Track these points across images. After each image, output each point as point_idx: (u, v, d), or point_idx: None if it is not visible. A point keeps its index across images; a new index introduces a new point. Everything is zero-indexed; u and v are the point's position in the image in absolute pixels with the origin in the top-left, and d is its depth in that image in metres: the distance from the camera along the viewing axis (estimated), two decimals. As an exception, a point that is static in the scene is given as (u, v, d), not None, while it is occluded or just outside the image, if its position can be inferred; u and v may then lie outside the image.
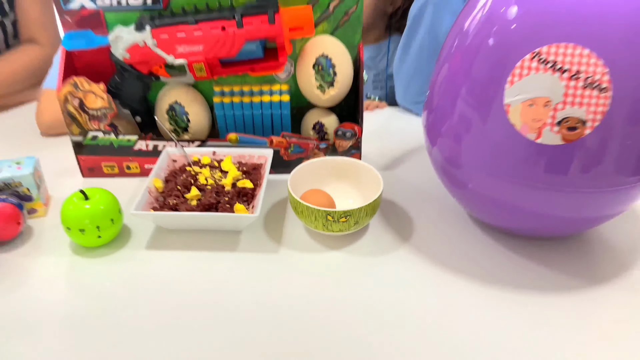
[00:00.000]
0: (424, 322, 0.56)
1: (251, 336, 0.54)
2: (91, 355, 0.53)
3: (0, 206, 0.65)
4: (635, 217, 0.72)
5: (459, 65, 0.61)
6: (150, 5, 0.69)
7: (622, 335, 0.55)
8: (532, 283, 0.61)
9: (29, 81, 1.00)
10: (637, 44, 0.51)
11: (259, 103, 0.76)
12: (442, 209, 0.73)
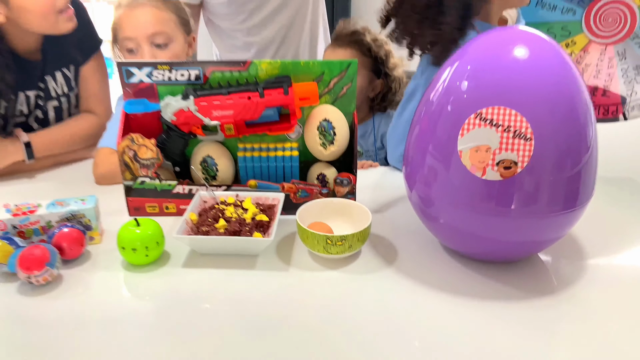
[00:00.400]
0: (406, 325, 0.71)
1: (265, 335, 0.70)
2: (136, 348, 0.69)
3: (70, 231, 0.83)
4: (572, 242, 0.89)
5: (426, 127, 0.80)
6: (193, 80, 0.91)
7: (560, 334, 0.70)
8: (490, 295, 0.77)
9: (84, 143, 1.21)
10: (550, 106, 0.71)
11: (274, 157, 0.96)
12: (419, 239, 0.90)
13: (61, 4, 1.08)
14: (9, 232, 0.84)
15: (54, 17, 1.07)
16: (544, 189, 0.72)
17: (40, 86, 1.16)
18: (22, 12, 1.04)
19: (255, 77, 0.91)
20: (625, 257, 0.87)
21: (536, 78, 0.72)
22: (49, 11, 1.06)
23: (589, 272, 0.82)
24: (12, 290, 0.79)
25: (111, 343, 0.68)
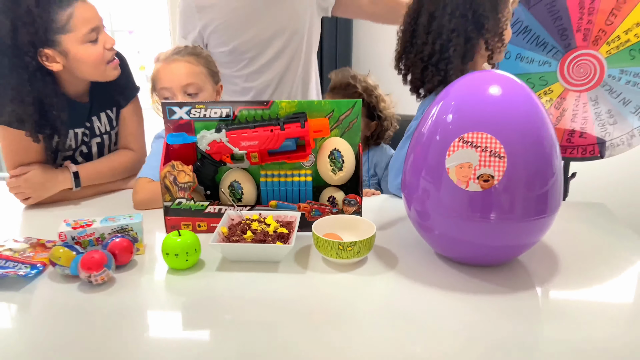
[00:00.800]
0: (406, 317, 0.85)
1: (286, 326, 0.84)
2: (176, 336, 0.83)
3: (121, 240, 0.99)
4: (546, 249, 1.04)
5: (419, 155, 0.97)
6: (225, 117, 1.09)
7: (538, 321, 0.84)
8: (477, 292, 0.91)
9: (122, 175, 1.38)
10: (520, 133, 0.88)
11: (291, 182, 1.12)
12: (416, 249, 1.05)
13: (109, 55, 1.27)
14: (68, 242, 1.00)
15: (103, 66, 1.27)
16: (518, 198, 0.89)
17: (86, 125, 1.34)
18: (77, 62, 1.24)
19: (277, 114, 1.08)
20: (593, 261, 1.02)
21: (508, 109, 0.90)
22: (99, 62, 1.25)
23: (561, 272, 0.97)
24: (73, 289, 0.93)
25: (155, 332, 0.83)
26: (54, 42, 1.20)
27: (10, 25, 1.16)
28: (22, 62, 1.18)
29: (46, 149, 1.30)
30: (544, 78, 1.73)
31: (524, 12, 1.68)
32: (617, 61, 1.66)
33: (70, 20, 1.20)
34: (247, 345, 0.78)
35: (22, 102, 1.19)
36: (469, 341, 0.78)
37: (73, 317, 0.86)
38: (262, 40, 1.63)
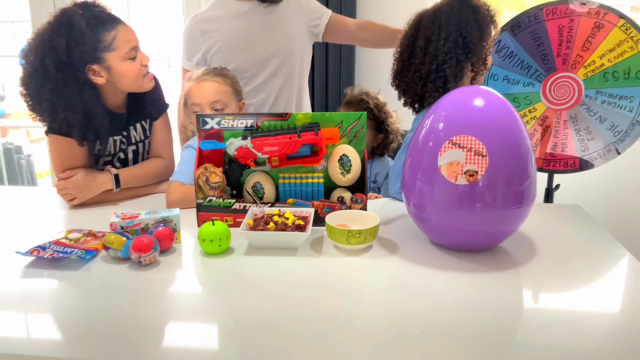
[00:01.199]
0: (407, 292, 1.03)
1: (303, 301, 1.01)
2: (210, 308, 1.00)
3: (164, 229, 1.16)
4: (521, 237, 1.21)
5: (416, 158, 1.15)
6: (250, 127, 1.27)
7: (518, 293, 1.02)
8: (465, 270, 1.09)
9: (154, 180, 1.56)
10: (499, 135, 1.06)
11: (306, 183, 1.30)
12: (414, 238, 1.22)
13: (145, 71, 1.47)
14: (118, 231, 1.17)
15: (140, 80, 1.46)
16: (498, 190, 1.07)
17: (124, 134, 1.53)
18: (119, 76, 1.43)
19: (294, 124, 1.27)
20: (565, 249, 1.19)
21: (489, 117, 1.08)
22: (137, 75, 1.45)
23: (537, 257, 1.15)
24: (124, 268, 1.10)
25: (195, 305, 1.00)
26: (100, 59, 1.40)
27: (65, 44, 1.36)
28: (74, 77, 1.37)
29: (89, 155, 1.48)
30: (529, 98, 1.93)
31: (510, 39, 1.89)
32: (594, 83, 1.86)
33: (114, 41, 1.40)
34: (270, 314, 0.94)
35: (73, 110, 1.38)
36: (457, 309, 0.95)
37: (124, 291, 1.03)
38: (259, 61, 1.84)
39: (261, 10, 1.85)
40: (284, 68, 1.88)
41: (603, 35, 1.82)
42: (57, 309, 0.98)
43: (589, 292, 1.01)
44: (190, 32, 1.86)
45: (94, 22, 1.39)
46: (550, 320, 0.91)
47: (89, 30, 1.37)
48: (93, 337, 0.88)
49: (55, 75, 1.35)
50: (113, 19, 1.43)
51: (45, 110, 1.39)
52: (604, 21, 1.80)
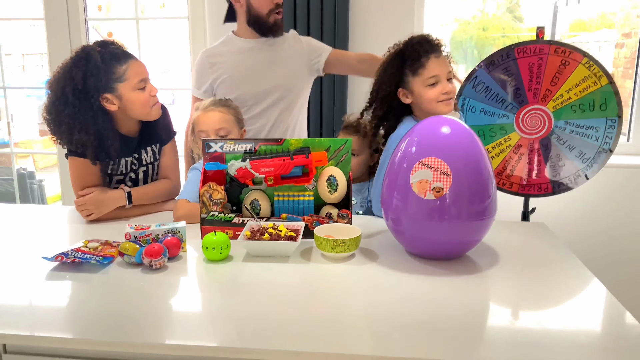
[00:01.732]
0: (386, 294, 1.19)
1: (294, 301, 1.18)
2: (212, 307, 1.16)
3: (172, 238, 1.33)
4: (485, 247, 1.37)
5: (392, 179, 1.33)
6: (249, 150, 1.45)
7: (482, 292, 1.18)
8: (436, 275, 1.25)
9: (162, 199, 1.74)
10: (463, 159, 1.24)
11: (298, 200, 1.47)
12: (393, 249, 1.39)
13: (154, 100, 1.66)
14: (132, 240, 1.34)
15: (148, 108, 1.65)
16: (462, 205, 1.24)
17: (135, 155, 1.71)
18: (129, 104, 1.62)
19: (288, 148, 1.45)
20: (526, 258, 1.35)
21: (453, 143, 1.26)
22: (145, 104, 1.64)
23: (500, 264, 1.31)
24: (137, 272, 1.27)
25: (197, 305, 1.16)
26: (112, 88, 1.59)
27: (82, 75, 1.55)
28: (89, 103, 1.56)
29: (103, 175, 1.66)
30: (504, 128, 2.12)
31: (486, 75, 2.09)
32: (562, 115, 2.05)
33: (126, 73, 1.60)
34: (264, 312, 1.10)
35: (87, 132, 1.57)
36: (429, 306, 1.11)
37: (137, 291, 1.19)
38: (260, 93, 2.06)
39: (264, 48, 2.08)
40: (282, 100, 2.09)
41: (569, 72, 2.02)
42: (78, 305, 1.14)
43: (542, 294, 1.17)
44: (201, 64, 2.09)
45: (109, 57, 1.59)
46: (508, 315, 1.07)
47: (103, 64, 1.57)
48: (109, 328, 1.04)
49: (73, 101, 1.55)
50: (126, 54, 1.64)
51: (63, 132, 1.58)
52: (570, 59, 2.00)
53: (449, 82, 1.63)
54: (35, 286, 1.22)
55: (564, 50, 2.00)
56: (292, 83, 2.10)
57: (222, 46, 2.11)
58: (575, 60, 2.00)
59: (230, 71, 2.05)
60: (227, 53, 2.08)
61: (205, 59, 2.08)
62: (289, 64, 2.09)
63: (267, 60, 2.07)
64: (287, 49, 2.10)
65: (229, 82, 2.05)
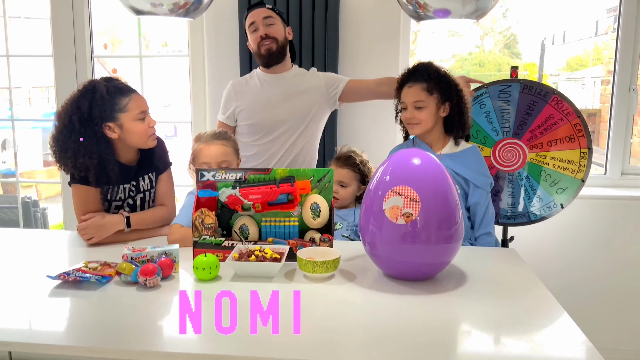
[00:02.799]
0: (363, 312, 1.30)
1: (276, 317, 1.29)
2: (205, 323, 1.27)
3: (166, 259, 1.44)
4: (457, 270, 1.48)
5: (369, 206, 1.45)
6: (238, 179, 1.58)
7: (452, 309, 1.29)
8: (409, 293, 1.36)
9: (158, 224, 1.86)
10: (429, 185, 1.36)
11: (283, 225, 1.59)
12: (370, 271, 1.50)
13: (151, 131, 1.80)
14: (129, 261, 1.45)
15: (146, 138, 1.80)
16: (431, 229, 1.36)
17: (133, 183, 1.84)
18: (128, 133, 1.77)
19: (275, 177, 1.58)
20: (493, 281, 1.46)
21: (422, 173, 1.39)
22: (144, 134, 1.78)
23: (467, 284, 1.42)
24: (132, 290, 1.38)
25: (190, 319, 1.26)
26: (115, 118, 1.74)
27: (89, 105, 1.71)
28: (93, 131, 1.71)
29: (103, 201, 1.79)
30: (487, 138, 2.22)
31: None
32: (531, 170, 2.18)
33: (128, 105, 1.76)
34: (248, 327, 1.21)
35: (90, 157, 1.71)
36: (401, 323, 1.22)
37: (132, 307, 1.30)
38: (276, 122, 2.27)
39: (282, 82, 2.31)
40: (296, 129, 2.30)
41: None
42: (78, 318, 1.25)
43: (504, 315, 1.28)
44: (228, 92, 2.36)
45: (113, 90, 1.75)
46: (472, 334, 1.18)
47: (108, 96, 1.73)
48: (105, 337, 1.15)
49: (79, 129, 1.70)
50: (129, 89, 1.80)
51: (69, 157, 1.72)
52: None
53: (417, 110, 1.88)
54: (40, 301, 1.33)
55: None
56: (306, 114, 2.30)
57: (248, 78, 2.38)
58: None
59: (251, 100, 2.30)
60: (249, 85, 2.34)
61: (232, 89, 2.35)
62: (304, 97, 2.30)
63: (283, 93, 2.29)
64: (304, 84, 2.32)
65: (249, 110, 2.29)
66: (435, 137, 1.95)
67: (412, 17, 1.58)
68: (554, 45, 5.25)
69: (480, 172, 1.91)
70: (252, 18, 2.24)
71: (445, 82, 1.89)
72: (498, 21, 8.75)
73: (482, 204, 1.90)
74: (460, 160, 1.90)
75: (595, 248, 2.69)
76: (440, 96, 1.88)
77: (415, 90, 1.87)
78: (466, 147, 1.94)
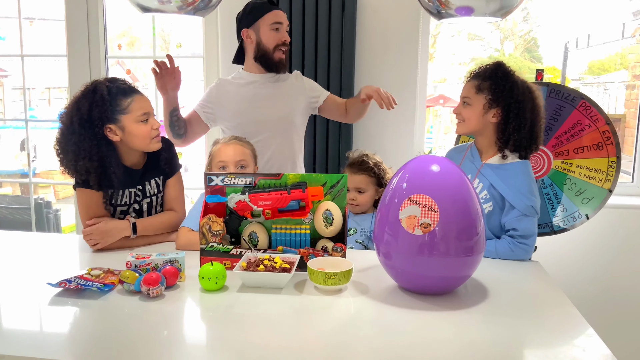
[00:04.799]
0: (375, 325, 1.23)
1: (284, 330, 1.21)
2: (209, 333, 1.20)
3: (170, 267, 1.38)
4: (477, 283, 1.40)
5: (384, 215, 1.37)
6: (248, 184, 1.51)
7: (468, 326, 1.20)
8: (425, 309, 1.28)
9: (166, 230, 1.80)
10: (449, 193, 1.28)
11: (294, 233, 1.52)
12: (384, 283, 1.42)
13: (154, 134, 1.75)
14: (132, 268, 1.39)
15: (148, 140, 1.73)
16: (450, 241, 1.27)
17: (139, 187, 1.78)
18: (130, 135, 1.71)
19: (286, 183, 1.51)
20: (516, 296, 1.38)
21: (441, 180, 1.31)
22: (146, 136, 1.72)
23: (489, 300, 1.33)
24: (135, 299, 1.32)
25: (191, 333, 1.21)
26: (116, 119, 1.68)
27: (88, 106, 1.65)
28: (93, 132, 1.65)
29: (107, 205, 1.73)
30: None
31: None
32: (556, 178, 2.08)
33: (130, 106, 1.70)
34: (256, 343, 1.15)
35: (91, 159, 1.65)
36: (416, 342, 1.15)
37: (133, 319, 1.24)
38: (259, 123, 2.18)
39: (267, 83, 2.22)
40: (281, 132, 2.22)
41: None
42: (77, 330, 1.19)
43: (529, 334, 1.19)
44: (212, 87, 2.28)
45: (115, 90, 1.70)
46: (494, 349, 1.09)
47: (109, 96, 1.67)
48: (105, 352, 1.09)
49: (79, 130, 1.65)
50: (132, 89, 1.74)
51: (70, 159, 1.67)
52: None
53: (463, 105, 1.75)
54: (39, 310, 1.27)
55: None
56: (292, 117, 2.22)
57: (232, 78, 2.29)
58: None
59: (233, 100, 2.21)
60: (234, 84, 2.25)
61: (215, 87, 2.28)
62: (290, 100, 2.22)
63: (269, 93, 2.21)
64: (289, 86, 2.24)
65: (232, 111, 2.20)
66: (485, 144, 1.77)
67: (433, 15, 1.50)
68: (577, 49, 5.11)
69: (520, 191, 1.65)
70: (279, 18, 2.16)
71: (502, 85, 1.69)
72: (519, 25, 8.62)
73: (516, 227, 1.65)
74: (501, 174, 1.69)
75: (621, 260, 2.57)
76: (491, 98, 1.69)
77: (467, 85, 1.76)
78: (514, 162, 1.71)
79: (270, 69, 2.19)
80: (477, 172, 1.73)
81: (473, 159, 1.77)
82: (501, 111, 1.70)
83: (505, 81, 1.70)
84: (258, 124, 2.17)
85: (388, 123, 2.65)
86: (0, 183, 5.90)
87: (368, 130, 2.67)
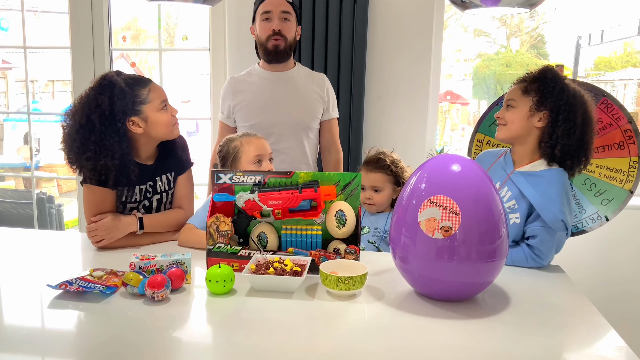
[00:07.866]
0: (389, 334, 1.16)
1: (294, 336, 1.15)
2: (215, 338, 1.14)
3: (176, 270, 1.31)
4: (497, 289, 1.33)
5: (401, 217, 1.30)
6: (257, 183, 1.44)
7: (489, 334, 1.13)
8: (443, 317, 1.21)
9: (174, 228, 1.73)
10: (471, 195, 1.21)
11: (305, 234, 1.45)
12: (400, 288, 1.35)
13: (174, 120, 1.70)
14: (136, 270, 1.33)
15: (171, 127, 1.69)
16: (472, 245, 1.20)
17: (150, 183, 1.72)
18: (154, 124, 1.65)
19: (297, 181, 1.44)
20: (538, 303, 1.31)
21: (462, 181, 1.24)
22: (169, 123, 1.67)
23: (511, 307, 1.26)
24: (139, 303, 1.25)
25: (197, 338, 1.15)
26: (138, 111, 1.62)
27: (108, 101, 1.58)
28: (115, 128, 1.58)
29: (117, 201, 1.67)
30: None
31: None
32: (576, 179, 1.99)
33: (149, 95, 1.64)
34: (266, 350, 1.08)
35: (112, 157, 1.58)
36: (434, 351, 1.08)
37: (137, 323, 1.18)
38: (273, 123, 2.14)
39: (284, 81, 2.17)
40: (297, 132, 2.16)
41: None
42: (79, 335, 1.13)
43: (554, 344, 1.12)
44: (225, 89, 2.22)
45: (131, 81, 1.64)
46: (509, 361, 1.03)
47: (127, 88, 1.61)
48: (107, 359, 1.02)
49: (100, 128, 1.57)
50: (145, 79, 1.69)
51: (88, 159, 1.58)
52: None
53: (507, 109, 1.60)
54: (39, 313, 1.21)
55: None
56: (309, 117, 2.17)
57: (247, 75, 2.23)
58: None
59: (248, 99, 2.16)
60: (249, 82, 2.19)
61: (229, 86, 2.21)
62: (307, 100, 2.17)
63: (285, 92, 2.16)
64: (307, 86, 2.19)
65: (247, 110, 2.15)
66: (522, 153, 1.61)
67: (457, 5, 1.42)
68: (590, 45, 5.02)
69: (550, 200, 1.51)
70: (269, 6, 2.09)
71: (551, 87, 1.55)
72: (525, 21, 8.52)
73: (536, 237, 1.52)
74: (533, 181, 1.55)
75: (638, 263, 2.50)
76: (538, 100, 1.54)
77: (513, 89, 1.61)
78: (551, 168, 1.57)
79: (270, 60, 2.15)
80: (506, 178, 1.60)
81: (505, 165, 1.64)
82: (548, 114, 1.54)
83: (554, 82, 1.55)
84: (273, 125, 2.13)
85: (400, 121, 2.58)
86: (3, 177, 5.85)
87: (379, 128, 2.60)
